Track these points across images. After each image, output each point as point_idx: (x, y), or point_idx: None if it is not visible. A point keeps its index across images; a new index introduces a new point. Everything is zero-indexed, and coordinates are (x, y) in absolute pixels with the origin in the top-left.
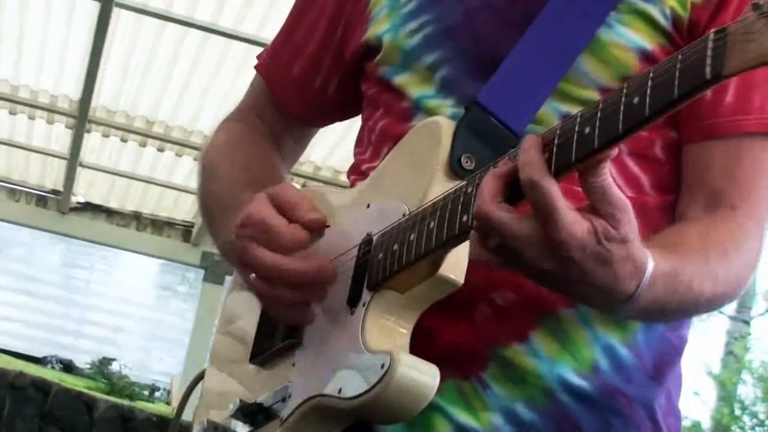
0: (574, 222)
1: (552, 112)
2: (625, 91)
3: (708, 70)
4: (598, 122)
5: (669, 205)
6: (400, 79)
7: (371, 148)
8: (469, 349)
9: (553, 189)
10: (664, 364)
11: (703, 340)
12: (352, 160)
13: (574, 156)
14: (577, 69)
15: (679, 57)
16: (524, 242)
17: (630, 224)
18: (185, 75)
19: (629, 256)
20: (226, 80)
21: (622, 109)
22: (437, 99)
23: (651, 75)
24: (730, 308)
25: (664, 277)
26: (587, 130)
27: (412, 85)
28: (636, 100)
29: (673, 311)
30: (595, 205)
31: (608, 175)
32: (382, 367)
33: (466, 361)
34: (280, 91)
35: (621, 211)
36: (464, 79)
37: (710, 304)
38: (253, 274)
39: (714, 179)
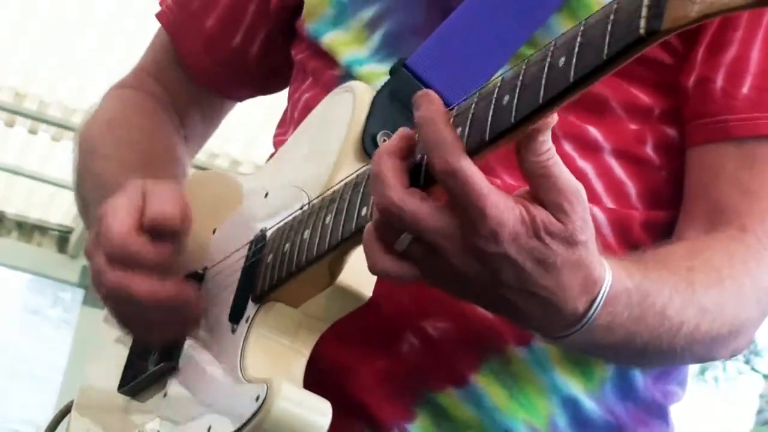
0: (503, 208)
1: None
2: (552, 47)
3: (642, 23)
4: (518, 89)
5: (659, 224)
6: (330, 39)
7: (293, 128)
8: (391, 392)
9: (471, 170)
10: (641, 425)
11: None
12: None
13: (489, 133)
14: (549, 30)
15: (615, 6)
16: (446, 236)
17: (582, 222)
18: (70, 33)
19: (579, 263)
20: (123, 41)
21: (545, 72)
22: (371, 63)
23: (582, 27)
24: (766, 365)
25: (628, 296)
26: (506, 98)
27: (342, 45)
28: (562, 61)
29: (643, 347)
30: (535, 193)
31: (552, 152)
32: (257, 399)
33: (387, 407)
34: (187, 48)
35: (570, 202)
36: (409, 37)
37: (693, 343)
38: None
39: (721, 192)
